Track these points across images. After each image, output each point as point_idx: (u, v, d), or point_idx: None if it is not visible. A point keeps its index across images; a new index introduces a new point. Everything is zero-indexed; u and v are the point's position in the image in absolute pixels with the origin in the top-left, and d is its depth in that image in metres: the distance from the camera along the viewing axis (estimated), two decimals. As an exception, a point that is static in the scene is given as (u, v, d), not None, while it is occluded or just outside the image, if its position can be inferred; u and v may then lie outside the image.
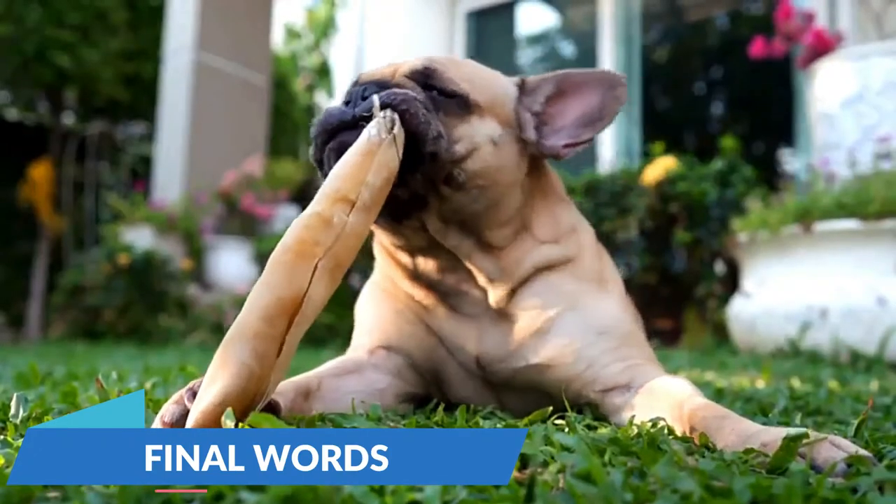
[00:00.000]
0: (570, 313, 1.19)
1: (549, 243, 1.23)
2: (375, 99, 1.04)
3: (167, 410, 0.88)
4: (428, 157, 1.06)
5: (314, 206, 0.93)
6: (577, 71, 1.26)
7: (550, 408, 1.09)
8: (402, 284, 1.26)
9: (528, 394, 1.22)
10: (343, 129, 1.07)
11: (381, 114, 1.01)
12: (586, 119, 1.24)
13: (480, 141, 1.14)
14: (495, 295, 1.19)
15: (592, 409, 1.17)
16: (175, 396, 0.90)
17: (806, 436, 0.79)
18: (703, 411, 0.96)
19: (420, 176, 1.08)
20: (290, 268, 0.87)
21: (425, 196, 1.12)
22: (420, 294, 1.24)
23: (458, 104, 1.13)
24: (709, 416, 0.95)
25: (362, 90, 1.09)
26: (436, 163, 1.07)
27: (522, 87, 1.26)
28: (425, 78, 1.14)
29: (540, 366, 1.18)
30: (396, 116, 1.01)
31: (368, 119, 1.02)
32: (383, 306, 1.30)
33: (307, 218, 0.91)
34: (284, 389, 1.01)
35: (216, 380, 0.82)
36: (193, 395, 0.87)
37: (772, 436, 0.83)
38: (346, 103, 1.12)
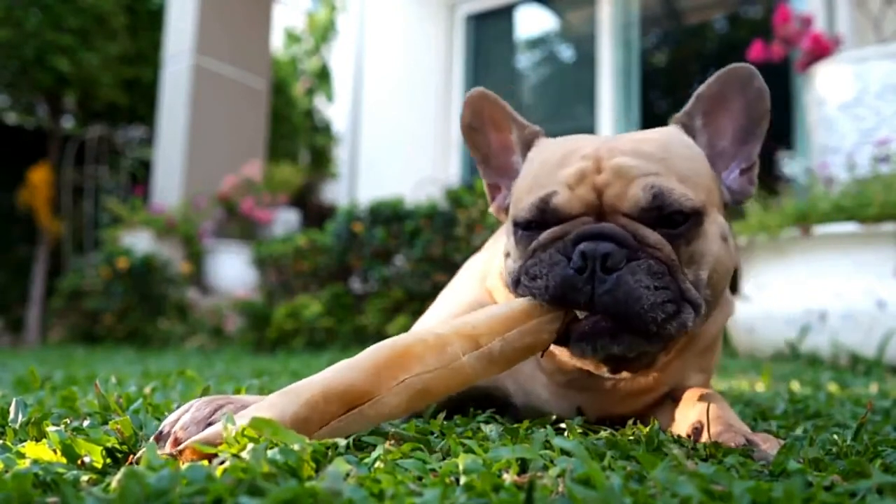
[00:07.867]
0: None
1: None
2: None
3: (187, 428, 0.78)
4: (656, 337, 0.92)
5: (439, 326, 0.88)
6: (709, 83, 1.05)
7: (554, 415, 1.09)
8: None
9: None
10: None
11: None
12: (741, 132, 1.06)
13: (715, 250, 0.96)
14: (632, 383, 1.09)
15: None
16: (195, 411, 0.81)
17: None
18: None
19: (650, 348, 0.94)
20: (379, 366, 0.82)
21: (655, 357, 1.01)
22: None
23: (694, 222, 0.94)
24: None
25: (598, 254, 0.88)
26: (669, 337, 0.93)
27: (690, 131, 1.05)
28: (658, 211, 0.92)
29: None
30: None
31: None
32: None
33: (426, 333, 0.86)
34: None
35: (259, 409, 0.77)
36: (214, 411, 0.82)
37: None
38: (569, 258, 0.91)
